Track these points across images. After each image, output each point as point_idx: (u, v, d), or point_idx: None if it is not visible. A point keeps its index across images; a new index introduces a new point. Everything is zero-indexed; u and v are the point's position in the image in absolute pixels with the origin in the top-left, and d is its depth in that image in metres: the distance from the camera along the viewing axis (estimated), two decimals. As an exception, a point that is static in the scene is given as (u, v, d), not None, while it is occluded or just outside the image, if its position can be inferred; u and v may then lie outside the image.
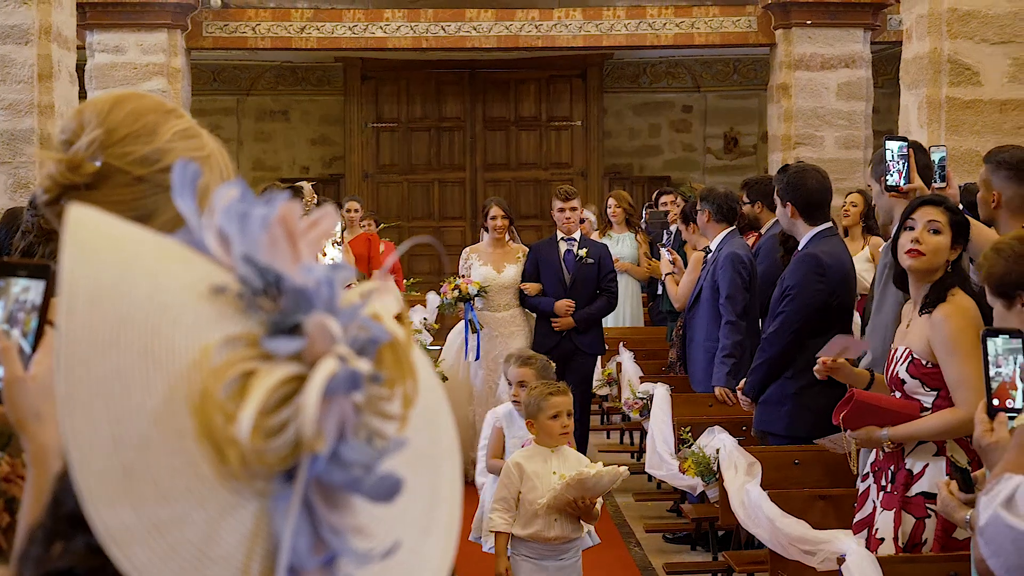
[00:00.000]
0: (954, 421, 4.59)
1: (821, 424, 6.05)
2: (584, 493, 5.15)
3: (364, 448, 0.83)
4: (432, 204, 19.14)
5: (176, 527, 0.81)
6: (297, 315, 0.84)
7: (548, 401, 5.39)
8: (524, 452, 5.52)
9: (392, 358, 0.86)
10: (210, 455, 0.81)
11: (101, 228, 0.87)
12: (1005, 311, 3.89)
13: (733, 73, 19.37)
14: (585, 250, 9.45)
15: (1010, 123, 9.09)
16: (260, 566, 0.82)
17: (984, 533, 2.60)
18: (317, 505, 0.83)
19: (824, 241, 6.45)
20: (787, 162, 14.08)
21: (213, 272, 0.87)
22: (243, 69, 18.98)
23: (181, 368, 0.82)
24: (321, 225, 0.89)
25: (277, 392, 0.82)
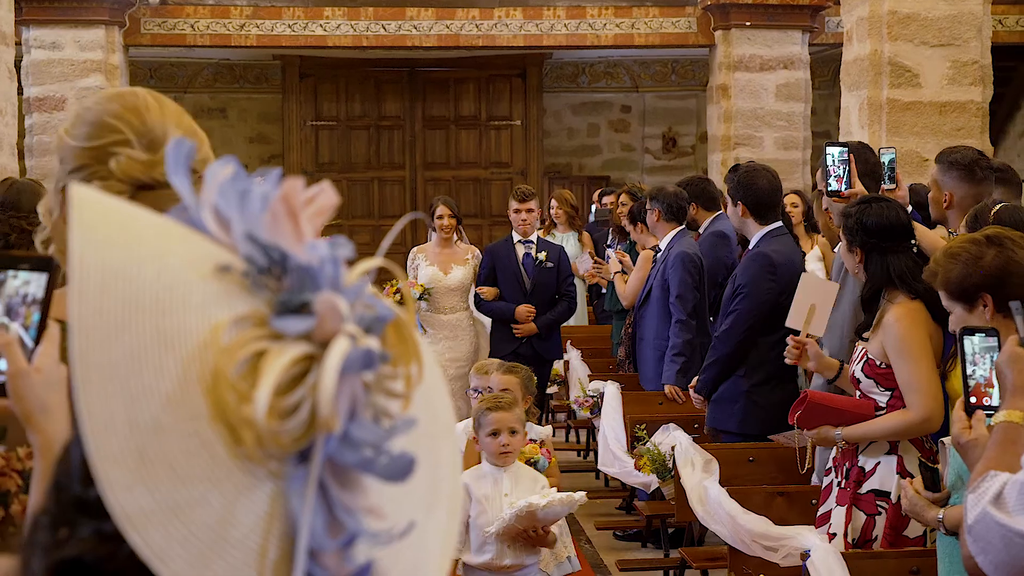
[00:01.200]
0: (904, 423, 4.66)
1: (773, 421, 6.13)
2: (535, 524, 4.80)
3: (374, 427, 0.83)
4: (372, 203, 19.07)
5: (193, 510, 0.80)
6: (304, 294, 0.84)
7: (487, 416, 5.03)
8: (472, 472, 5.09)
9: (396, 336, 0.87)
10: (224, 436, 0.81)
11: (105, 209, 0.87)
12: (966, 314, 3.91)
13: (671, 74, 19.47)
14: (544, 253, 9.29)
15: (949, 124, 9.23)
16: (277, 548, 0.82)
17: (972, 531, 2.63)
18: (331, 486, 0.83)
19: (775, 240, 6.51)
20: (726, 162, 14.23)
21: (215, 251, 0.87)
22: (180, 66, 18.81)
23: (192, 348, 0.82)
24: (318, 201, 0.89)
25: (289, 372, 0.82)
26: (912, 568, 4.35)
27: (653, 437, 6.84)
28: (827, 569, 4.36)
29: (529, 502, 4.72)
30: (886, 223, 4.78)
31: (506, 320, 9.15)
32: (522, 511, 4.71)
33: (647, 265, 8.51)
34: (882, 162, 5.83)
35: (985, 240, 3.90)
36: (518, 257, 9.24)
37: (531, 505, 4.71)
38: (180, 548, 0.80)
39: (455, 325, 9.33)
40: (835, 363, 5.09)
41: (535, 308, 9.09)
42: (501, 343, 9.11)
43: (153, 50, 16.55)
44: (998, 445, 2.80)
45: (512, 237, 9.38)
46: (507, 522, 4.77)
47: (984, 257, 3.84)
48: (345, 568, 0.83)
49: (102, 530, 0.83)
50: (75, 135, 2.06)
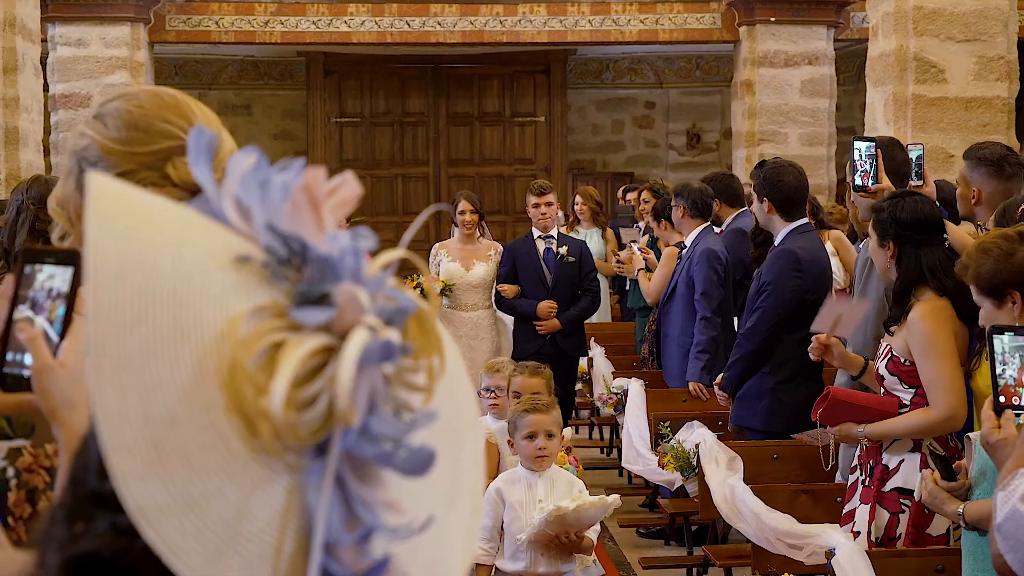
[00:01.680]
0: (927, 421, 4.64)
1: (798, 419, 6.10)
2: (567, 529, 4.64)
3: (394, 421, 0.82)
4: (396, 199, 19.09)
5: (208, 503, 0.79)
6: (324, 285, 0.83)
7: (524, 419, 4.86)
8: (506, 477, 4.97)
9: (418, 329, 0.86)
10: (241, 429, 0.80)
11: (122, 198, 0.86)
12: (995, 310, 3.90)
13: (696, 70, 19.43)
14: (566, 248, 9.08)
15: (975, 120, 9.18)
16: (293, 543, 0.81)
17: (1002, 529, 2.61)
18: (349, 479, 0.81)
19: (801, 237, 6.48)
20: (751, 159, 14.19)
21: (235, 242, 0.86)
22: (205, 63, 18.87)
23: (209, 340, 0.81)
24: (340, 192, 0.88)
25: (308, 364, 0.81)
26: (937, 567, 4.33)
27: (677, 434, 6.82)
28: (852, 568, 4.34)
29: (558, 506, 4.58)
30: (920, 216, 4.76)
31: (528, 317, 8.94)
32: (551, 516, 4.57)
33: (671, 262, 8.50)
34: (909, 158, 5.80)
35: (1018, 237, 3.88)
36: (539, 253, 9.05)
37: (559, 509, 4.57)
38: (195, 542, 0.79)
39: (476, 323, 9.16)
40: (860, 360, 5.07)
41: (557, 304, 8.89)
42: (524, 341, 8.93)
43: (178, 47, 16.60)
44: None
45: (532, 233, 9.17)
46: (537, 528, 4.62)
47: (1015, 254, 3.82)
48: (362, 563, 0.82)
49: (117, 524, 0.83)
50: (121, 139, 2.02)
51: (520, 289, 8.99)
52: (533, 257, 9.04)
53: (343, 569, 0.82)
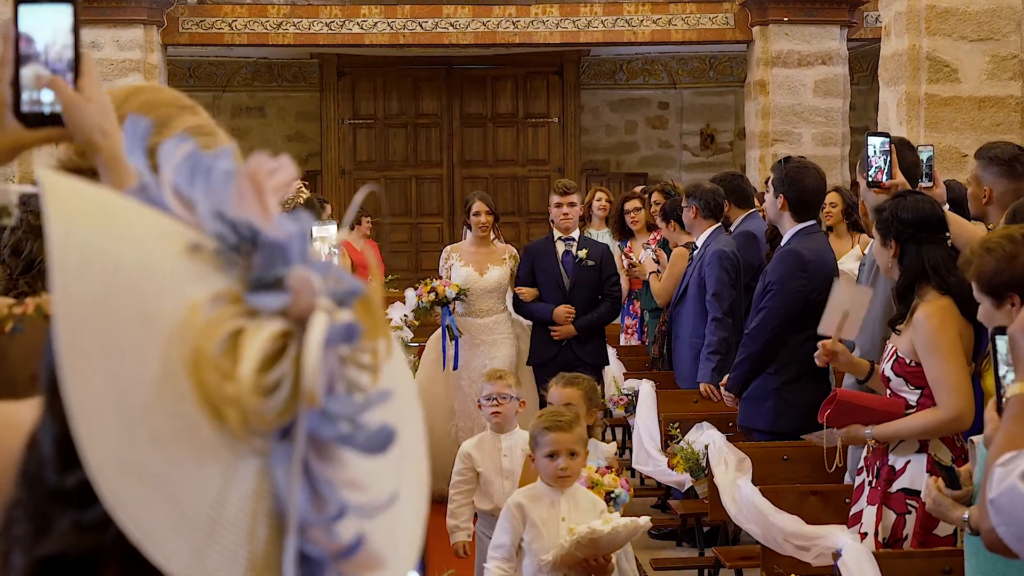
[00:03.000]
0: (935, 421, 4.64)
1: (804, 420, 6.09)
2: (597, 552, 4.38)
3: (350, 401, 0.83)
4: (409, 201, 19.11)
5: (184, 493, 0.80)
6: (277, 269, 0.84)
7: (543, 436, 4.62)
8: (528, 492, 4.72)
9: (364, 310, 0.86)
10: (209, 416, 0.80)
11: (76, 192, 0.86)
12: (994, 310, 3.88)
13: (709, 70, 19.41)
14: (585, 251, 8.72)
15: (988, 120, 9.16)
16: (265, 528, 0.82)
17: (995, 503, 2.63)
18: (312, 461, 0.82)
19: (807, 238, 6.47)
20: (764, 159, 14.17)
21: (183, 230, 0.86)
22: (219, 65, 18.90)
23: (171, 329, 0.81)
24: (278, 176, 0.88)
25: (268, 349, 0.81)
26: (944, 568, 4.32)
27: (687, 436, 6.82)
28: (859, 569, 4.33)
29: (591, 527, 4.31)
30: (921, 215, 4.78)
31: (544, 322, 8.65)
32: (583, 538, 4.30)
33: (681, 263, 8.49)
34: (920, 159, 5.79)
35: (1022, 238, 3.86)
36: (558, 255, 8.72)
37: (593, 531, 4.30)
38: (173, 533, 0.79)
39: (492, 328, 8.88)
40: (866, 364, 5.06)
41: (574, 309, 8.58)
42: (540, 347, 8.66)
43: (191, 49, 16.65)
44: (1015, 419, 2.79)
45: (552, 235, 8.86)
46: (566, 549, 4.36)
47: (1018, 256, 3.80)
48: (334, 543, 0.82)
49: (81, 521, 0.83)
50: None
51: (538, 292, 8.72)
52: (552, 259, 8.72)
53: (317, 550, 0.82)
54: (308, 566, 0.82)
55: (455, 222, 18.28)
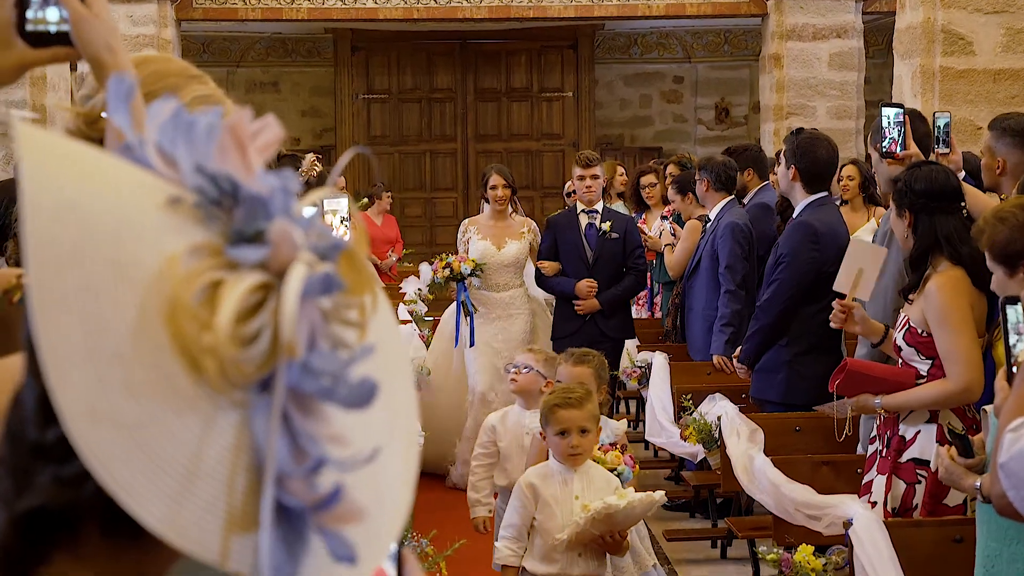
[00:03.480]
0: (944, 393, 4.65)
1: (816, 391, 6.09)
2: (613, 528, 4.35)
3: (333, 356, 0.83)
4: (424, 175, 19.11)
5: (159, 442, 0.80)
6: (258, 222, 0.84)
7: (553, 414, 4.54)
8: (539, 471, 4.64)
9: (349, 267, 0.86)
10: (186, 366, 0.81)
11: (53, 145, 0.86)
12: (1006, 279, 3.89)
13: (724, 44, 19.34)
14: (609, 223, 8.45)
15: (1004, 92, 9.11)
16: (245, 479, 0.82)
17: (1005, 468, 2.64)
18: (293, 415, 0.82)
19: (819, 210, 6.46)
20: (779, 132, 14.12)
21: (164, 185, 0.86)
22: (233, 41, 18.89)
23: (148, 279, 0.81)
24: (263, 136, 0.89)
25: (247, 300, 0.82)
26: (955, 536, 4.33)
27: (699, 407, 6.83)
28: (869, 538, 4.34)
29: (607, 503, 4.27)
30: (935, 185, 4.78)
31: (567, 297, 8.46)
32: (599, 514, 4.26)
33: (694, 235, 8.50)
34: (937, 126, 5.79)
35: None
36: (581, 228, 8.49)
37: (609, 507, 4.26)
38: (147, 481, 0.80)
39: (509, 303, 8.73)
40: (880, 327, 5.07)
41: (597, 283, 8.35)
42: (564, 322, 8.48)
43: (205, 24, 16.61)
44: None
45: (575, 207, 8.65)
46: (582, 527, 4.31)
47: None
48: (313, 494, 0.83)
49: (61, 475, 0.84)
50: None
51: (560, 266, 8.54)
52: (575, 232, 8.50)
53: (296, 501, 0.82)
54: (288, 518, 0.83)
55: (470, 196, 18.28)
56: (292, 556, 0.84)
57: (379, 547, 0.90)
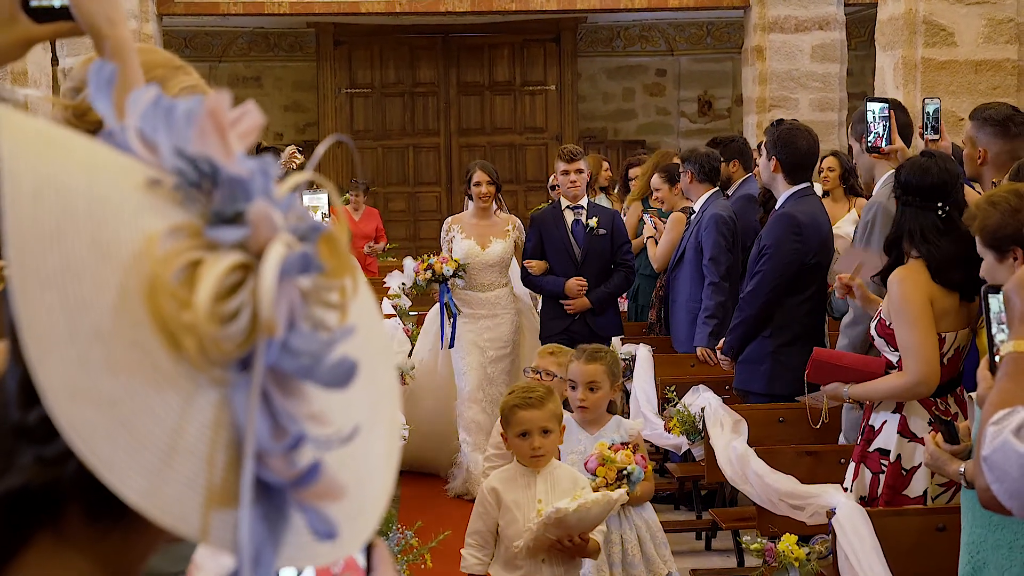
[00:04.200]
0: (899, 385, 4.70)
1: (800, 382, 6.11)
2: (569, 532, 4.18)
3: (313, 336, 0.84)
4: (407, 169, 19.10)
5: (139, 419, 0.80)
6: (237, 204, 0.85)
7: (514, 415, 4.39)
8: (502, 474, 4.48)
9: (329, 250, 0.87)
10: (165, 344, 0.82)
11: (33, 126, 0.87)
12: (996, 263, 3.91)
13: (707, 36, 19.36)
14: (596, 219, 8.25)
15: (985, 83, 9.14)
16: (225, 455, 0.83)
17: (988, 460, 2.65)
18: (273, 393, 0.83)
19: (801, 201, 6.48)
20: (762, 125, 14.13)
21: (143, 167, 0.87)
22: (215, 35, 18.85)
23: (127, 258, 0.82)
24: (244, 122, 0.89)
25: (227, 279, 0.82)
26: (938, 525, 4.35)
27: (683, 399, 6.84)
28: (852, 527, 4.36)
29: (557, 507, 4.14)
30: (917, 180, 4.79)
31: (556, 296, 8.25)
32: (550, 519, 4.13)
33: (679, 227, 8.50)
34: (926, 112, 5.83)
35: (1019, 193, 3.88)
36: (567, 225, 8.27)
37: (559, 511, 4.12)
38: (128, 458, 0.80)
39: (494, 303, 8.51)
40: (880, 301, 5.09)
41: (587, 280, 8.18)
42: (552, 321, 8.26)
43: (187, 19, 16.56)
44: (1009, 377, 2.79)
45: (560, 203, 8.39)
46: (535, 533, 4.18)
47: (1022, 210, 3.82)
48: (293, 470, 0.84)
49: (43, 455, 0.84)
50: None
51: (548, 265, 8.32)
52: (561, 230, 8.28)
53: (275, 477, 0.83)
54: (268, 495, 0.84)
55: (453, 191, 18.28)
56: (273, 532, 0.84)
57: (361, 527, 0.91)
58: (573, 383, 5.09)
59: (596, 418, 5.08)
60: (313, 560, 0.88)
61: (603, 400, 5.06)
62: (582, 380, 4.96)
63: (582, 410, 5.06)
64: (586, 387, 5.04)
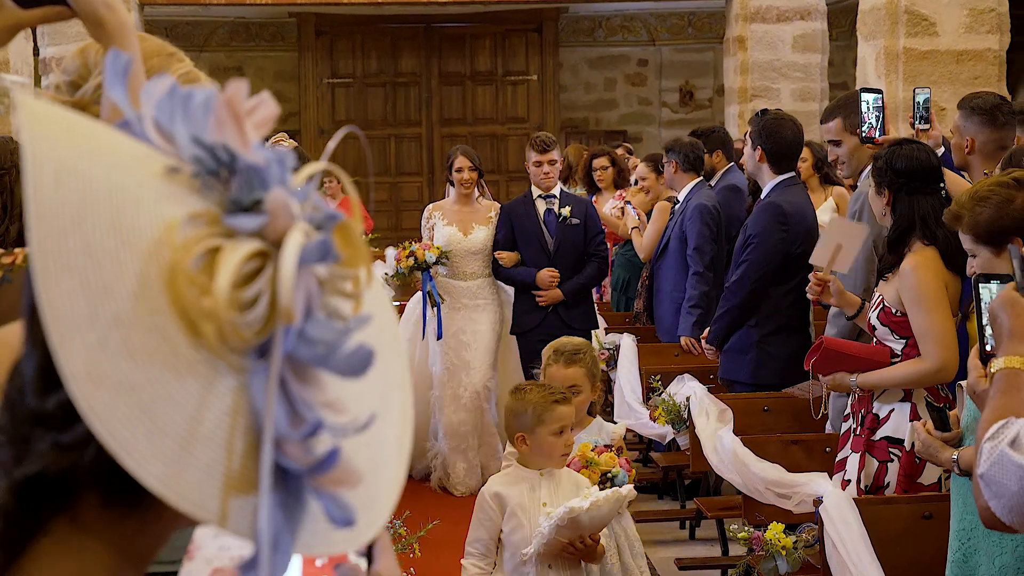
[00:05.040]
0: (919, 372, 4.67)
1: (785, 371, 6.15)
2: (581, 533, 4.03)
3: (329, 324, 0.85)
4: (389, 160, 19.08)
5: (159, 406, 0.81)
6: (255, 192, 0.85)
7: (553, 412, 4.18)
8: (503, 478, 4.31)
9: (344, 239, 0.88)
10: (185, 330, 0.82)
11: (54, 114, 0.88)
12: (993, 258, 3.85)
13: (688, 26, 19.37)
14: (568, 208, 8.03)
15: (967, 73, 9.17)
16: (243, 441, 0.84)
17: (985, 477, 2.61)
18: (290, 381, 0.84)
19: (787, 190, 6.48)
20: (743, 115, 14.15)
21: (161, 156, 0.88)
22: (197, 25, 18.78)
23: (147, 245, 0.83)
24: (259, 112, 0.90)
25: (245, 266, 0.83)
26: (925, 513, 4.36)
27: (668, 388, 6.85)
28: (839, 515, 4.36)
29: (570, 507, 3.97)
30: (915, 165, 4.79)
31: (528, 287, 8.00)
32: (563, 520, 3.96)
33: (662, 216, 8.51)
34: (917, 102, 5.84)
35: (1014, 183, 3.84)
36: (539, 214, 8.05)
37: (573, 511, 3.96)
38: (147, 443, 0.81)
39: (476, 293, 8.24)
40: (857, 300, 5.09)
41: (559, 272, 7.95)
42: (524, 314, 8.03)
43: (169, 8, 16.51)
44: (1002, 394, 2.77)
45: (531, 193, 8.15)
46: (547, 536, 4.00)
47: (1015, 200, 3.78)
48: (309, 457, 0.84)
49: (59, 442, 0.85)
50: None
51: (519, 256, 8.10)
52: (532, 220, 8.06)
53: (293, 463, 0.84)
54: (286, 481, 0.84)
55: (435, 181, 18.26)
56: (290, 519, 0.85)
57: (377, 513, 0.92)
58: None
59: (578, 421, 4.81)
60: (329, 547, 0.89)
61: (584, 403, 4.89)
62: (562, 385, 4.69)
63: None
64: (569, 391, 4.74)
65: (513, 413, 4.26)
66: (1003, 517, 2.64)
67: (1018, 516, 2.62)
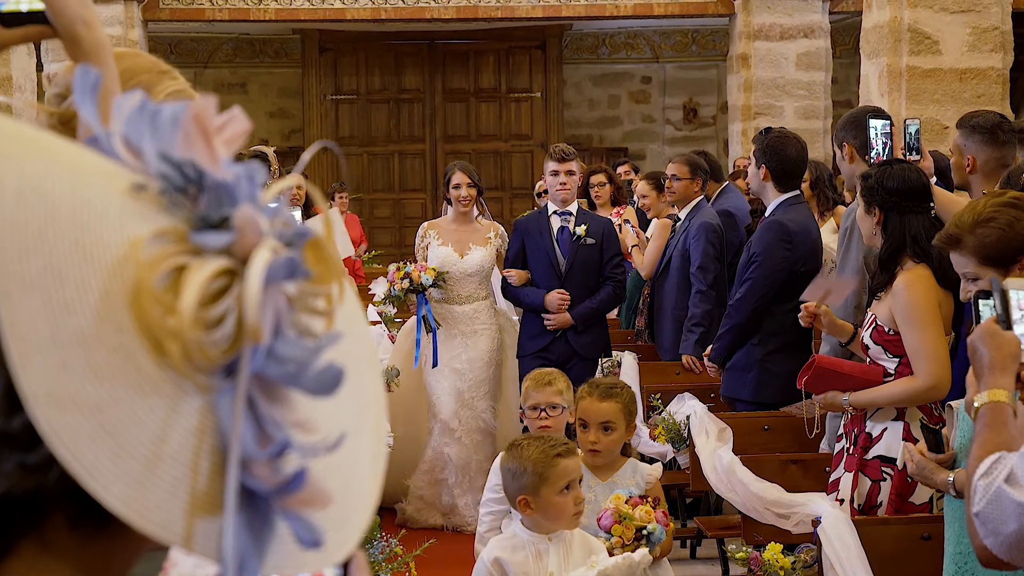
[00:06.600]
0: (911, 390, 4.66)
1: (787, 390, 6.12)
2: None
3: (299, 342, 0.83)
4: (392, 176, 19.10)
5: (123, 426, 0.80)
6: (223, 209, 0.84)
7: (556, 468, 3.68)
8: (505, 542, 3.80)
9: (315, 256, 0.86)
10: (149, 349, 0.81)
11: (17, 129, 0.86)
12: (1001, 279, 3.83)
13: (692, 44, 19.40)
14: (584, 227, 7.51)
15: (970, 91, 9.17)
16: (209, 463, 0.82)
17: (980, 516, 2.59)
18: (258, 400, 0.82)
19: (791, 209, 6.48)
20: (747, 132, 14.16)
21: (128, 173, 0.86)
22: (200, 41, 18.83)
23: (112, 263, 0.81)
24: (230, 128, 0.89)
25: (212, 284, 0.82)
26: (922, 534, 4.34)
27: (668, 406, 6.83)
28: (838, 536, 4.35)
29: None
30: (906, 184, 4.79)
31: (535, 309, 7.48)
32: None
33: (664, 234, 8.49)
34: (908, 132, 5.81)
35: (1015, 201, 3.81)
36: (552, 231, 7.54)
37: None
38: (111, 464, 0.79)
39: (472, 318, 7.75)
40: (849, 327, 5.09)
41: (570, 294, 7.43)
42: (530, 337, 7.52)
43: (172, 25, 16.55)
44: (988, 428, 2.74)
45: (547, 208, 7.65)
46: None
47: (1021, 221, 3.75)
48: (277, 477, 0.83)
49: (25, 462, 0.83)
50: None
51: (529, 275, 7.58)
52: (545, 236, 7.53)
53: (260, 484, 0.82)
54: (253, 502, 0.83)
55: (438, 197, 18.24)
56: (257, 541, 0.84)
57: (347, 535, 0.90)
58: (584, 422, 4.46)
59: (609, 463, 4.47)
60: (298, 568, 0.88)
61: (618, 443, 4.48)
62: (595, 420, 4.36)
63: (593, 454, 4.42)
64: (599, 428, 4.43)
65: (511, 474, 3.79)
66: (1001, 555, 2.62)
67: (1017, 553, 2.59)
